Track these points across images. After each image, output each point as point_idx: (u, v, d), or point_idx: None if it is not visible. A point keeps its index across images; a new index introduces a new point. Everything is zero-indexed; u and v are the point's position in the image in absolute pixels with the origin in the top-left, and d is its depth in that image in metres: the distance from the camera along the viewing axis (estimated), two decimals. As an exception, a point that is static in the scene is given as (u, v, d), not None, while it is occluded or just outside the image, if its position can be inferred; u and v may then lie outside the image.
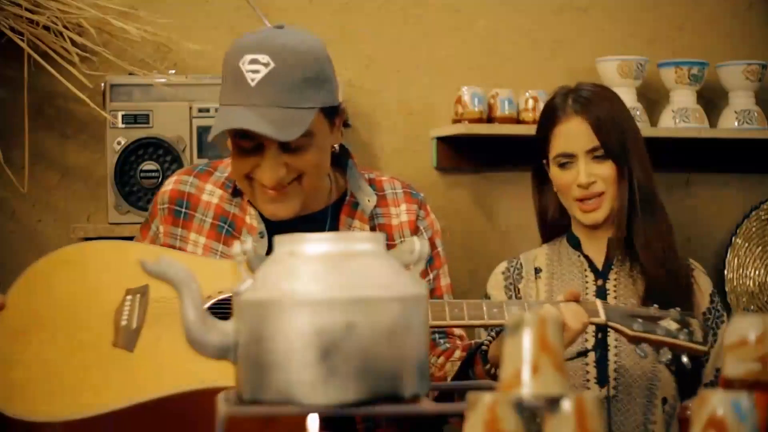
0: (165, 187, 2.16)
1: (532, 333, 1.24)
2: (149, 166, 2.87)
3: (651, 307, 2.10)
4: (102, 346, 1.78)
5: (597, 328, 2.24)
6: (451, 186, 3.28)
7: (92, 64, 2.89)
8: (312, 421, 1.39)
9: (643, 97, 3.32)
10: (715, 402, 1.14)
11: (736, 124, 3.33)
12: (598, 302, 2.06)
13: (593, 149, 2.38)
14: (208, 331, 1.38)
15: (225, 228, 2.11)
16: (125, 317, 1.83)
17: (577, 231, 2.48)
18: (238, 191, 2.11)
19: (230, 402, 1.38)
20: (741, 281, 3.42)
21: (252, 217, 2.10)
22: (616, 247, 2.40)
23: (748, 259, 3.43)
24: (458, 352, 2.14)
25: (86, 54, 2.84)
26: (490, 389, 1.37)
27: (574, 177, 2.39)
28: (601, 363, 2.36)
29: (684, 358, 2.06)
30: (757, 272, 3.43)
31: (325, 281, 1.33)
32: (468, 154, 3.27)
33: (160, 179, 2.84)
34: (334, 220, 2.12)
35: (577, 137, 2.38)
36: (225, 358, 1.39)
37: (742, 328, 1.25)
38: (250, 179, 2.01)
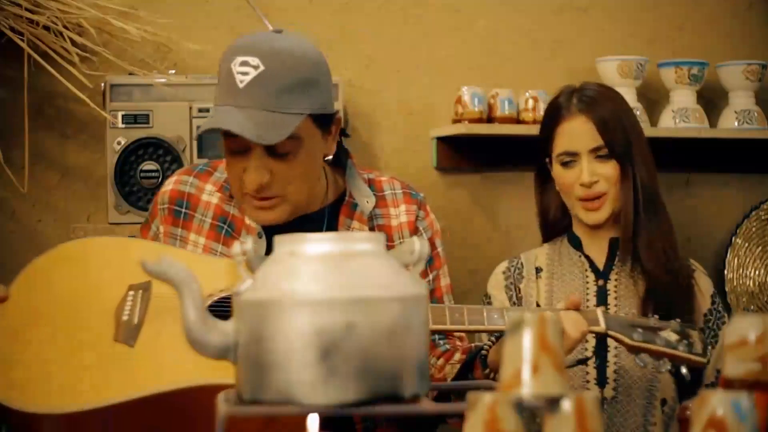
0: (165, 188, 2.16)
1: (532, 333, 1.24)
2: (149, 166, 2.87)
3: (651, 317, 2.10)
4: (103, 341, 1.78)
5: (597, 336, 2.23)
6: (451, 186, 3.28)
7: (92, 64, 2.88)
8: (312, 421, 1.39)
9: (643, 97, 3.31)
10: (715, 402, 1.14)
11: (736, 124, 3.33)
12: (599, 311, 2.06)
13: (597, 148, 2.37)
14: (209, 332, 1.38)
15: (224, 228, 2.11)
16: (127, 312, 1.83)
17: (578, 231, 2.48)
18: (237, 192, 2.11)
19: (230, 402, 1.38)
20: (741, 281, 3.42)
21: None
22: (622, 247, 2.40)
23: (748, 259, 3.43)
24: (458, 355, 2.14)
25: (86, 54, 2.84)
26: (490, 389, 1.37)
27: (576, 176, 2.38)
28: (600, 365, 2.35)
29: (683, 369, 2.06)
30: (757, 272, 3.43)
31: (325, 281, 1.33)
32: (468, 154, 3.26)
33: (160, 179, 2.84)
34: (333, 221, 2.11)
35: (580, 136, 2.38)
36: (225, 358, 1.39)
37: (742, 328, 1.25)
38: (240, 183, 2.01)
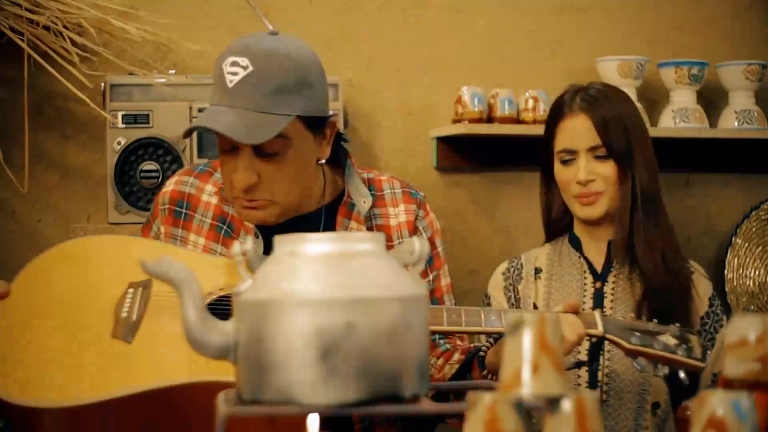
0: (166, 188, 2.16)
1: (532, 333, 1.24)
2: (149, 166, 2.87)
3: (651, 321, 2.09)
4: (101, 337, 1.79)
5: (594, 339, 2.22)
6: (451, 186, 3.28)
7: (92, 64, 2.88)
8: (312, 421, 1.39)
9: (643, 97, 3.31)
10: (715, 402, 1.14)
11: (736, 124, 3.33)
12: (597, 314, 2.05)
13: (595, 147, 2.37)
14: (209, 332, 1.38)
15: (224, 229, 2.11)
16: (126, 309, 1.83)
17: (578, 231, 2.47)
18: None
19: (230, 402, 1.38)
20: (741, 281, 3.42)
21: (249, 217, 2.10)
22: (616, 249, 2.40)
23: (748, 259, 3.43)
24: (457, 355, 2.14)
25: (86, 54, 2.84)
26: (490, 389, 1.37)
27: (574, 174, 2.38)
28: (592, 367, 2.34)
29: (681, 373, 2.05)
30: (757, 272, 3.43)
31: (325, 281, 1.33)
32: (468, 154, 3.26)
33: (160, 179, 2.84)
34: (331, 221, 2.11)
35: (580, 134, 2.38)
36: (225, 358, 1.39)
37: (742, 328, 1.25)
38: (231, 183, 2.01)
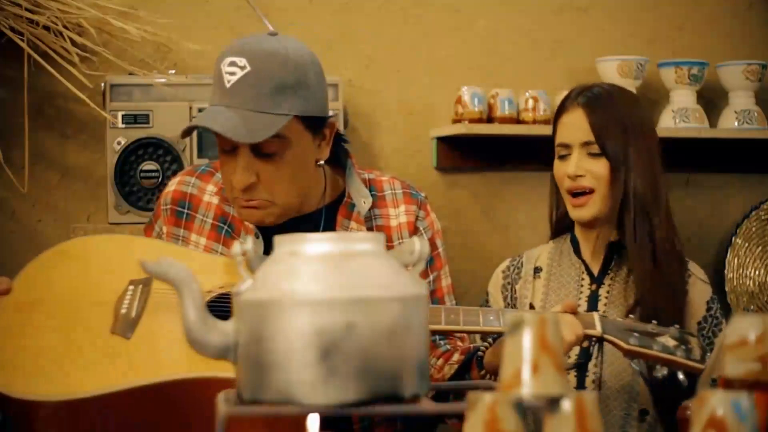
0: (168, 188, 2.17)
1: (532, 333, 1.24)
2: (149, 166, 2.88)
3: (650, 323, 2.07)
4: (100, 333, 1.80)
5: (589, 340, 2.21)
6: (451, 186, 3.28)
7: (92, 64, 2.88)
8: (312, 421, 1.39)
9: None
10: (715, 402, 1.14)
11: (736, 124, 3.33)
12: (595, 315, 2.04)
13: (588, 143, 2.35)
14: (209, 332, 1.38)
15: (224, 229, 2.11)
16: (125, 306, 1.84)
17: (577, 232, 2.46)
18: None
19: (230, 402, 1.38)
20: (741, 281, 3.42)
21: (249, 218, 2.10)
22: (611, 252, 2.39)
23: (748, 259, 3.43)
24: (456, 355, 2.14)
25: (86, 54, 2.84)
26: (490, 389, 1.37)
27: (567, 168, 2.38)
28: (580, 373, 2.33)
29: (680, 375, 2.04)
30: (757, 272, 3.43)
31: (325, 281, 1.33)
32: (468, 154, 3.26)
33: (160, 179, 2.84)
34: (331, 221, 2.11)
35: (575, 129, 2.36)
36: (225, 358, 1.39)
37: (742, 328, 1.25)
38: (230, 183, 2.01)
